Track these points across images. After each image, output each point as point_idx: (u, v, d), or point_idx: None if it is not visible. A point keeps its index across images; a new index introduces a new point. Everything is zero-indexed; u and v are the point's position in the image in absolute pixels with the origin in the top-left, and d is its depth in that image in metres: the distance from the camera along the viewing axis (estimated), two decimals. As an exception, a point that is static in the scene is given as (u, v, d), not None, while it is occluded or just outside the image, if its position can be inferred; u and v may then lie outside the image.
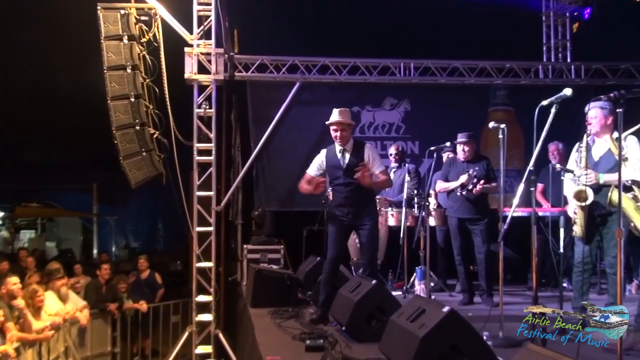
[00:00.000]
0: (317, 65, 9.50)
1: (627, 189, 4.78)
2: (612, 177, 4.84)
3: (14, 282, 7.15)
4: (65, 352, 7.73)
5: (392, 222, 7.60)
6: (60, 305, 7.91)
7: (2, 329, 6.51)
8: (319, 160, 5.70)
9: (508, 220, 4.49)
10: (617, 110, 3.83)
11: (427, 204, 7.00)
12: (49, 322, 7.26)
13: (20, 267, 9.60)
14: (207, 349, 8.43)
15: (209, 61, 8.65)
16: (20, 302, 6.92)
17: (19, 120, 14.57)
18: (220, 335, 8.45)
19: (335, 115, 5.56)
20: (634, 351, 4.06)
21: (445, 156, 7.59)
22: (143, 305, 9.48)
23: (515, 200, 4.62)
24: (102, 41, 7.98)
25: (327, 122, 5.61)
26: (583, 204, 4.99)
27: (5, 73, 12.92)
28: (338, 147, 5.57)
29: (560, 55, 10.69)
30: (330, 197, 5.94)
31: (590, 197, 4.92)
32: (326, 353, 4.13)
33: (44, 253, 18.46)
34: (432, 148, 6.98)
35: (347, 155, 5.51)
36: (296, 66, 9.48)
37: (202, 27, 8.60)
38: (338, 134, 5.50)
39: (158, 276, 10.61)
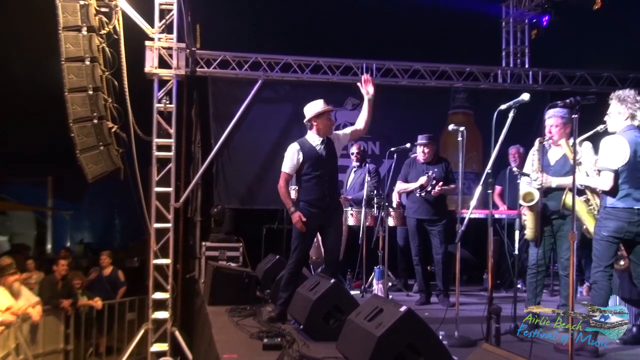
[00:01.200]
0: (279, 63, 9.48)
1: (580, 192, 4.92)
2: (564, 181, 4.98)
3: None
4: (16, 349, 7.56)
5: (351, 221, 7.63)
6: (12, 301, 7.72)
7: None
8: (296, 156, 5.42)
9: (465, 221, 4.56)
10: (573, 116, 3.94)
11: (387, 204, 7.04)
12: (0, 319, 7.10)
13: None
14: (163, 346, 8.36)
15: (170, 56, 8.57)
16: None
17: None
18: (177, 333, 8.39)
19: (322, 104, 5.51)
20: (584, 352, 4.16)
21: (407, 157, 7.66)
22: (98, 302, 9.33)
23: (473, 202, 4.70)
24: (60, 32, 7.81)
25: (320, 110, 5.45)
26: (528, 204, 5.12)
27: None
28: (319, 139, 5.49)
29: (519, 60, 10.90)
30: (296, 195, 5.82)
31: (536, 198, 5.05)
32: (283, 352, 4.12)
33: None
34: (392, 149, 7.03)
35: (325, 145, 5.47)
36: (259, 63, 9.44)
37: (163, 20, 8.52)
38: (332, 122, 5.48)
39: (121, 273, 10.45)
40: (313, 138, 5.48)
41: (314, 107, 5.49)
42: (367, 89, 5.57)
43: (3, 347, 7.11)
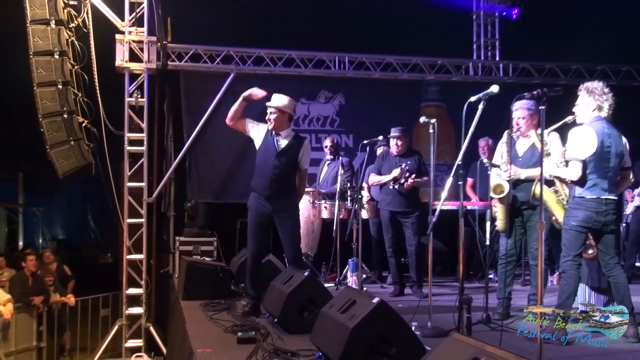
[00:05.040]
0: (252, 57, 9.45)
1: (549, 183, 5.00)
2: (533, 172, 5.05)
3: None
4: (-13, 347, 7.47)
5: (325, 214, 7.66)
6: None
7: None
8: (257, 126, 5.57)
9: (437, 213, 4.60)
10: (540, 107, 4.00)
11: (360, 197, 7.08)
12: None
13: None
14: (137, 342, 8.31)
15: (141, 49, 8.49)
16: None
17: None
18: (151, 329, 8.35)
19: (272, 99, 5.52)
20: (553, 340, 4.23)
21: (379, 150, 7.70)
22: (71, 299, 9.25)
23: (444, 194, 4.74)
24: (28, 25, 7.68)
25: (266, 103, 5.53)
26: (499, 196, 5.19)
27: None
28: (271, 131, 5.52)
29: (489, 53, 11.00)
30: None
31: (506, 190, 5.12)
32: (258, 345, 4.13)
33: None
34: (365, 142, 7.06)
35: (283, 142, 5.47)
36: (231, 57, 9.40)
37: (134, 13, 8.43)
38: (270, 116, 5.48)
39: (67, 268, 10.33)
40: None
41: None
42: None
43: (-27, 346, 7.02)
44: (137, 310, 8.35)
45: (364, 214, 7.48)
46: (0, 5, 8.92)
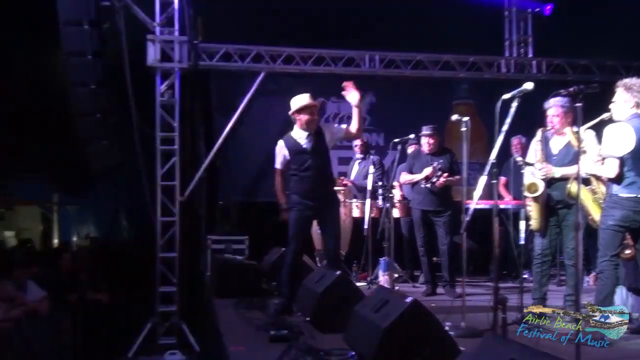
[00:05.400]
0: (282, 55, 9.45)
1: (585, 181, 4.91)
2: (568, 171, 4.97)
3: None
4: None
5: (356, 213, 7.65)
6: (20, 296, 7.75)
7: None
8: (282, 152, 5.62)
9: (470, 212, 4.55)
10: (576, 104, 3.93)
11: (391, 195, 7.05)
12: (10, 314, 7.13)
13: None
14: (170, 339, 8.37)
15: (172, 49, 8.55)
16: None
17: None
18: (184, 326, 8.40)
19: (307, 98, 5.51)
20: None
21: (410, 148, 7.65)
22: (105, 296, 9.36)
23: (477, 193, 4.69)
24: (61, 26, 7.81)
25: (302, 105, 5.52)
26: (533, 195, 5.12)
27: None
28: (303, 133, 5.52)
29: (522, 50, 10.83)
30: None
31: (541, 189, 5.04)
32: (290, 344, 4.13)
33: (2, 243, 18.05)
34: (396, 140, 7.03)
35: (311, 138, 5.49)
36: (261, 56, 9.41)
37: (165, 13, 8.49)
38: (315, 117, 5.49)
39: (101, 266, 10.37)
40: (298, 133, 5.55)
41: (297, 101, 5.51)
42: (351, 98, 5.50)
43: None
44: (170, 307, 8.42)
45: (395, 213, 7.44)
46: (35, 7, 9.07)
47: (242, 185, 9.46)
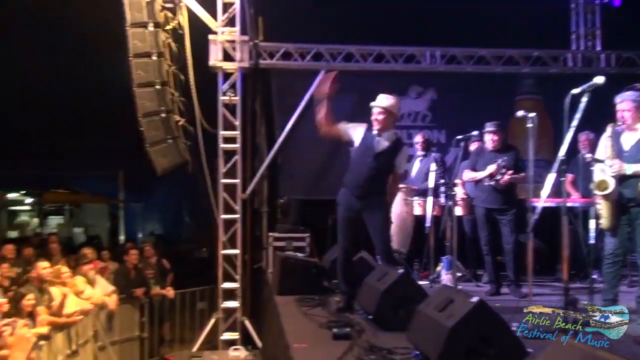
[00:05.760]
0: (342, 53, 9.45)
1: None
2: (640, 168, 4.79)
3: (43, 266, 7.28)
4: (94, 336, 7.84)
5: (418, 211, 7.57)
6: (89, 290, 8.02)
7: (33, 312, 6.62)
8: (355, 129, 5.54)
9: (539, 210, 4.44)
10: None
11: (454, 193, 6.94)
12: (79, 307, 7.38)
13: (47, 253, 9.71)
14: (233, 335, 8.51)
15: (234, 49, 8.67)
16: (56, 291, 7.06)
17: (46, 108, 14.74)
18: (247, 322, 8.52)
19: (378, 99, 5.51)
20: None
21: (472, 145, 7.52)
22: (170, 292, 9.59)
23: (546, 190, 4.57)
24: (127, 28, 8.03)
25: (371, 105, 5.52)
26: (603, 193, 4.94)
27: (30, 58, 13.07)
28: (375, 131, 5.51)
29: (589, 43, 10.49)
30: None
31: (611, 186, 4.87)
32: (353, 341, 4.13)
33: (71, 239, 18.73)
34: (459, 137, 6.92)
35: (383, 143, 5.45)
36: (321, 54, 9.43)
37: (226, 14, 8.62)
38: (373, 117, 5.47)
39: (166, 262, 10.63)
40: (373, 129, 5.50)
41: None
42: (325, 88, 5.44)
43: (82, 335, 7.39)
44: (233, 304, 8.55)
45: (458, 211, 7.33)
46: (101, 10, 9.33)
47: (302, 182, 9.50)
